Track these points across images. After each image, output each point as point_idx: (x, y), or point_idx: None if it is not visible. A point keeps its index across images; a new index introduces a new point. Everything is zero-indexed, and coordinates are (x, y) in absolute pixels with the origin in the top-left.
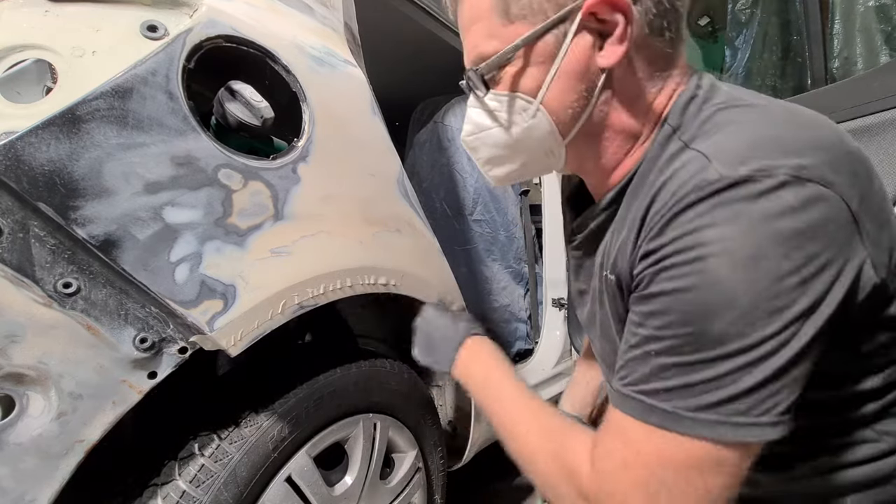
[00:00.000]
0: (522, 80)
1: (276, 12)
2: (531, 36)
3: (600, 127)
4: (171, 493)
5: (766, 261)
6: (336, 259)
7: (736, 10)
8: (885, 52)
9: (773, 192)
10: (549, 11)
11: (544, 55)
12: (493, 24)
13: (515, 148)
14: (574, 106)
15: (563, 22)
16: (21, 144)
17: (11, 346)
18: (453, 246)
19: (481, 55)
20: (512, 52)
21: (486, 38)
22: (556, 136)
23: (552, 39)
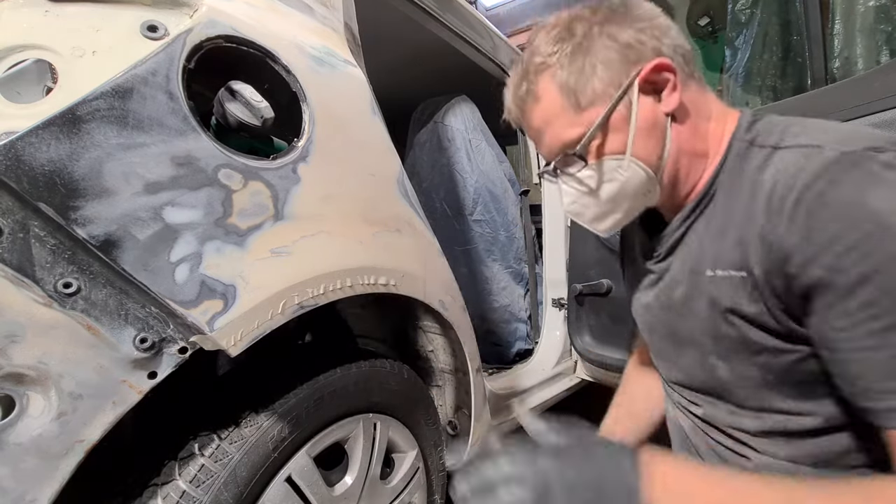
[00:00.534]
0: (608, 146)
1: (276, 12)
2: (606, 114)
3: (678, 157)
4: (171, 493)
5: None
6: (336, 259)
7: (736, 10)
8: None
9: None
10: (613, 90)
11: (621, 122)
12: (569, 117)
13: (616, 200)
14: (656, 149)
15: (626, 95)
16: (21, 144)
17: (11, 346)
18: (453, 246)
19: (568, 142)
20: (596, 130)
21: (567, 129)
22: (651, 177)
23: (622, 109)
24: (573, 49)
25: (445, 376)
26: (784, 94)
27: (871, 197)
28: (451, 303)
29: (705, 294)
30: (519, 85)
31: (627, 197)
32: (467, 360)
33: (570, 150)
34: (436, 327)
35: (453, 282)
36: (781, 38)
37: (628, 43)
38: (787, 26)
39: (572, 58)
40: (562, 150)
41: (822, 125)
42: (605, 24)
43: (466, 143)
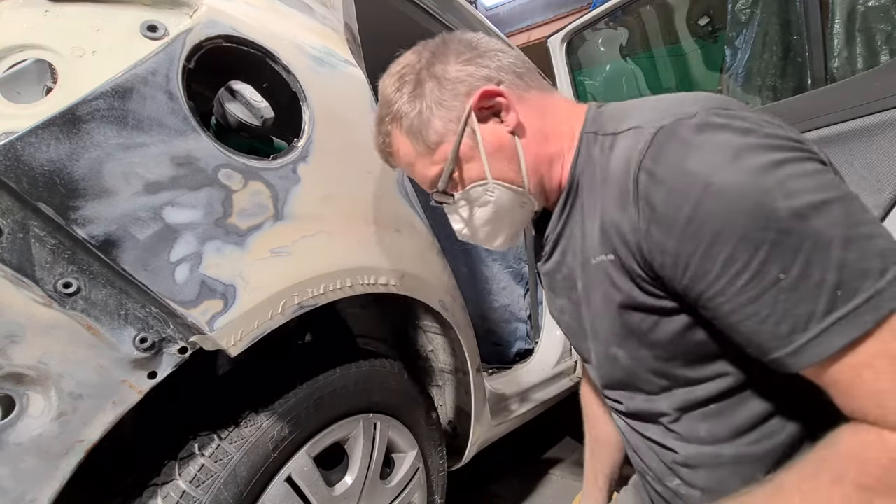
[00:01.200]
0: (468, 175)
1: (276, 12)
2: (455, 148)
3: (536, 165)
4: (171, 493)
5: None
6: (336, 259)
7: (736, 10)
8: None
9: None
10: (454, 125)
11: (471, 152)
12: (424, 158)
13: (495, 220)
14: (512, 165)
15: (467, 125)
16: (21, 144)
17: (11, 346)
18: (453, 246)
19: (432, 179)
20: (451, 165)
21: (426, 169)
22: (519, 192)
23: (468, 140)
24: (409, 96)
25: (445, 376)
26: (784, 94)
27: (690, 163)
28: (451, 303)
29: (596, 282)
30: (378, 134)
31: (505, 214)
32: (467, 360)
33: (435, 187)
34: (436, 327)
35: (453, 282)
36: (781, 38)
37: (456, 78)
38: (787, 26)
39: (412, 104)
40: (431, 186)
41: (653, 103)
42: (431, 66)
43: None
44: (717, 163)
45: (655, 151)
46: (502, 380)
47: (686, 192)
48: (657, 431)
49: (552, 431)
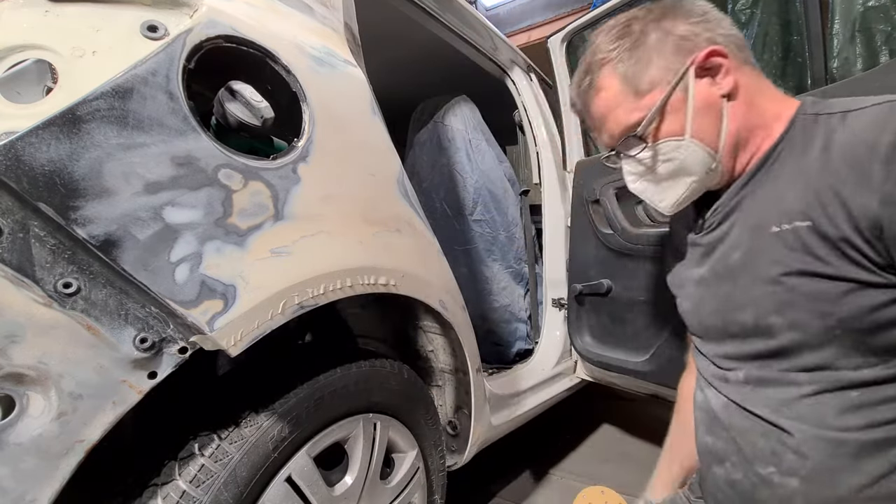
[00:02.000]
0: (667, 128)
1: (276, 12)
2: (664, 98)
3: (736, 133)
4: (171, 493)
5: None
6: (336, 259)
7: (736, 10)
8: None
9: None
10: (670, 77)
11: (678, 105)
12: (629, 103)
13: (677, 177)
14: (713, 127)
15: (682, 79)
16: (21, 144)
17: (11, 346)
18: (453, 246)
19: (629, 126)
20: (655, 114)
21: (628, 114)
22: (712, 154)
23: (679, 93)
24: (631, 44)
25: (445, 376)
26: None
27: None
28: (451, 303)
29: (768, 251)
30: (582, 79)
31: (689, 173)
32: (467, 360)
33: (632, 132)
34: (436, 327)
35: (453, 282)
36: (781, 38)
37: (682, 35)
38: (787, 26)
39: (631, 52)
40: (623, 133)
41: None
42: (660, 21)
43: (466, 143)
44: None
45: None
46: (502, 380)
47: None
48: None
49: (552, 431)
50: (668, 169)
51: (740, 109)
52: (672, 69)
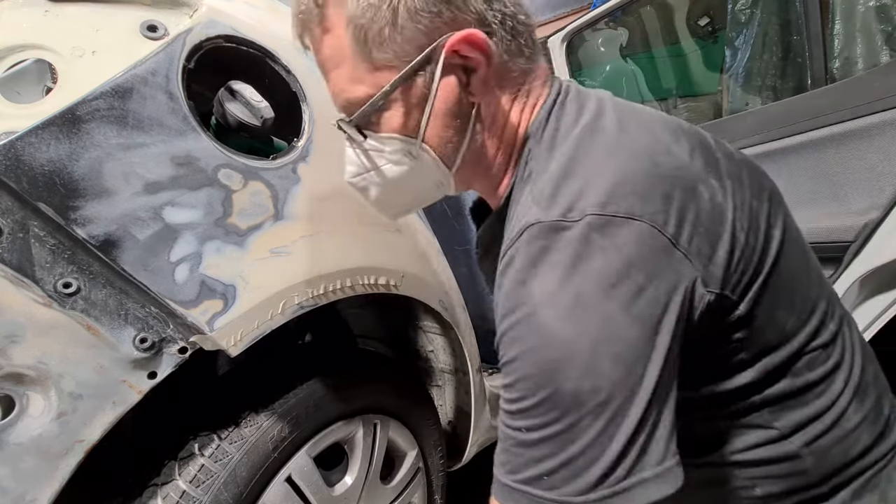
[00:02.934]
0: (399, 122)
1: (276, 12)
2: (398, 80)
3: (480, 152)
4: (171, 493)
5: (592, 305)
6: (336, 259)
7: (736, 10)
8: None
9: (585, 237)
10: (413, 54)
11: (416, 97)
12: (358, 69)
13: (403, 185)
14: (453, 140)
15: (429, 63)
16: (21, 144)
17: (11, 346)
18: (453, 246)
19: (350, 101)
20: (383, 97)
21: (351, 84)
22: (442, 169)
23: (421, 81)
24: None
25: (445, 376)
26: (784, 94)
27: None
28: (451, 303)
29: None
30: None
31: (416, 185)
32: (467, 360)
33: (349, 113)
34: (436, 327)
35: (453, 282)
36: (781, 38)
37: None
38: (787, 26)
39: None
40: (344, 107)
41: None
42: None
43: None
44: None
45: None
46: None
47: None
48: None
49: None
50: (397, 174)
51: (489, 130)
52: (415, 46)
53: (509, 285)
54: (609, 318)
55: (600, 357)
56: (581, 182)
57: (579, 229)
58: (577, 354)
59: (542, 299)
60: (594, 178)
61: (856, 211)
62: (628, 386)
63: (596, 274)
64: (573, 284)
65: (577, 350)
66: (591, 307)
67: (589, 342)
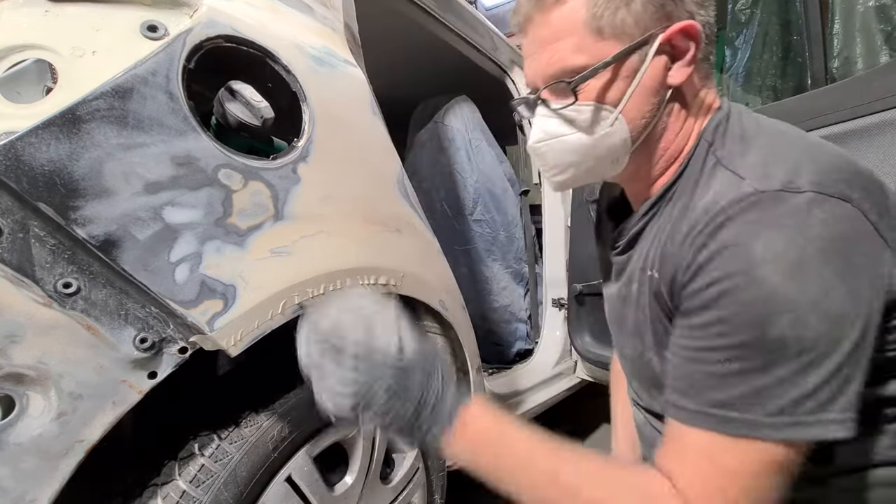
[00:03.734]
0: (606, 93)
1: (276, 12)
2: (620, 54)
3: (658, 137)
4: (171, 493)
5: (812, 267)
6: (336, 259)
7: (736, 10)
8: (885, 52)
9: (807, 209)
10: (636, 34)
11: (628, 71)
12: (585, 40)
13: (587, 153)
14: (646, 117)
15: (646, 44)
16: (21, 144)
17: (11, 346)
18: (453, 246)
19: (567, 68)
20: (603, 67)
21: (574, 53)
22: (627, 144)
23: (636, 58)
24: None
25: None
26: (784, 94)
27: (757, 243)
28: (451, 303)
29: (649, 292)
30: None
31: (597, 155)
32: (467, 360)
33: (568, 78)
34: (436, 327)
35: (453, 282)
36: (781, 38)
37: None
38: (787, 26)
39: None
40: (558, 75)
41: (775, 144)
42: None
43: (466, 143)
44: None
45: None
46: (502, 380)
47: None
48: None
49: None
50: (583, 141)
51: (676, 114)
52: (640, 27)
53: (721, 246)
54: (825, 281)
55: (810, 313)
56: (793, 164)
57: (804, 199)
58: (790, 308)
59: (768, 256)
60: (804, 162)
61: None
62: (830, 341)
63: (819, 240)
64: (797, 246)
65: (792, 305)
66: (811, 269)
67: (805, 299)
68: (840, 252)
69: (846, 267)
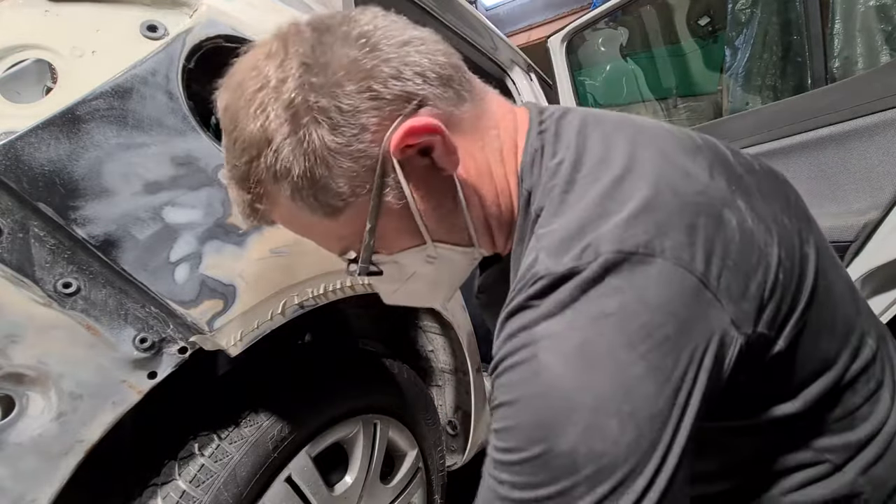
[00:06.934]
0: (400, 239)
1: (277, 12)
2: (373, 215)
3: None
4: (171, 493)
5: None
6: (336, 259)
7: (736, 10)
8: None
9: (599, 278)
10: (368, 179)
11: (398, 209)
12: (328, 228)
13: (441, 279)
14: (456, 221)
15: (386, 175)
16: (21, 144)
17: (11, 346)
18: None
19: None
20: (370, 236)
21: (334, 243)
22: (465, 251)
23: (393, 195)
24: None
25: (445, 376)
26: (784, 94)
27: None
28: (451, 303)
29: None
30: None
31: (450, 274)
32: (467, 360)
33: (354, 265)
34: (436, 327)
35: None
36: (781, 38)
37: (354, 106)
38: (787, 26)
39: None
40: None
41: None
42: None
43: None
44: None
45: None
46: None
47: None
48: None
49: None
50: (427, 276)
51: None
52: (363, 168)
53: (510, 329)
54: (621, 371)
55: (606, 416)
56: (595, 223)
57: (593, 270)
58: (578, 409)
59: (546, 343)
60: (609, 216)
61: (856, 211)
62: (637, 454)
63: (610, 318)
64: (579, 328)
65: (580, 404)
66: (599, 355)
67: (594, 396)
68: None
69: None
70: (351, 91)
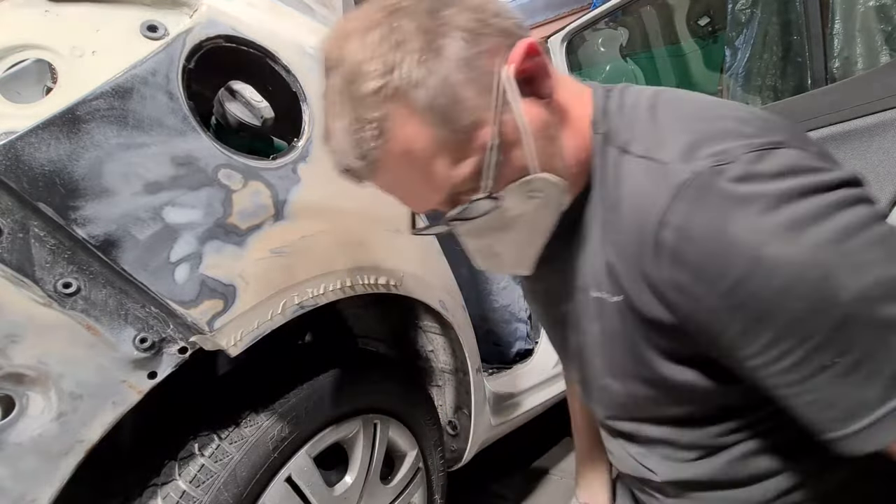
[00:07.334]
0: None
1: (277, 12)
2: (497, 130)
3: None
4: (171, 493)
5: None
6: (336, 259)
7: (736, 10)
8: (886, 52)
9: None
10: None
11: (512, 134)
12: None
13: (537, 228)
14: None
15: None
16: (21, 144)
17: (11, 346)
18: (453, 246)
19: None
20: (497, 153)
21: (454, 168)
22: (560, 186)
23: (508, 118)
24: (419, 56)
25: (445, 376)
26: (784, 94)
27: (731, 226)
28: (451, 303)
29: (593, 315)
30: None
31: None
32: (467, 360)
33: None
34: (436, 327)
35: (453, 282)
36: (781, 38)
37: (476, 28)
38: (787, 26)
39: (425, 68)
40: (453, 195)
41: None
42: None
43: None
44: (769, 230)
45: (686, 209)
46: (502, 380)
47: (727, 263)
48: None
49: (552, 431)
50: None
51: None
52: (486, 85)
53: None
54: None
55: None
56: (709, 132)
57: (740, 165)
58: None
59: (756, 238)
60: (717, 124)
61: None
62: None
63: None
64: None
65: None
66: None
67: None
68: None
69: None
70: (470, 18)
